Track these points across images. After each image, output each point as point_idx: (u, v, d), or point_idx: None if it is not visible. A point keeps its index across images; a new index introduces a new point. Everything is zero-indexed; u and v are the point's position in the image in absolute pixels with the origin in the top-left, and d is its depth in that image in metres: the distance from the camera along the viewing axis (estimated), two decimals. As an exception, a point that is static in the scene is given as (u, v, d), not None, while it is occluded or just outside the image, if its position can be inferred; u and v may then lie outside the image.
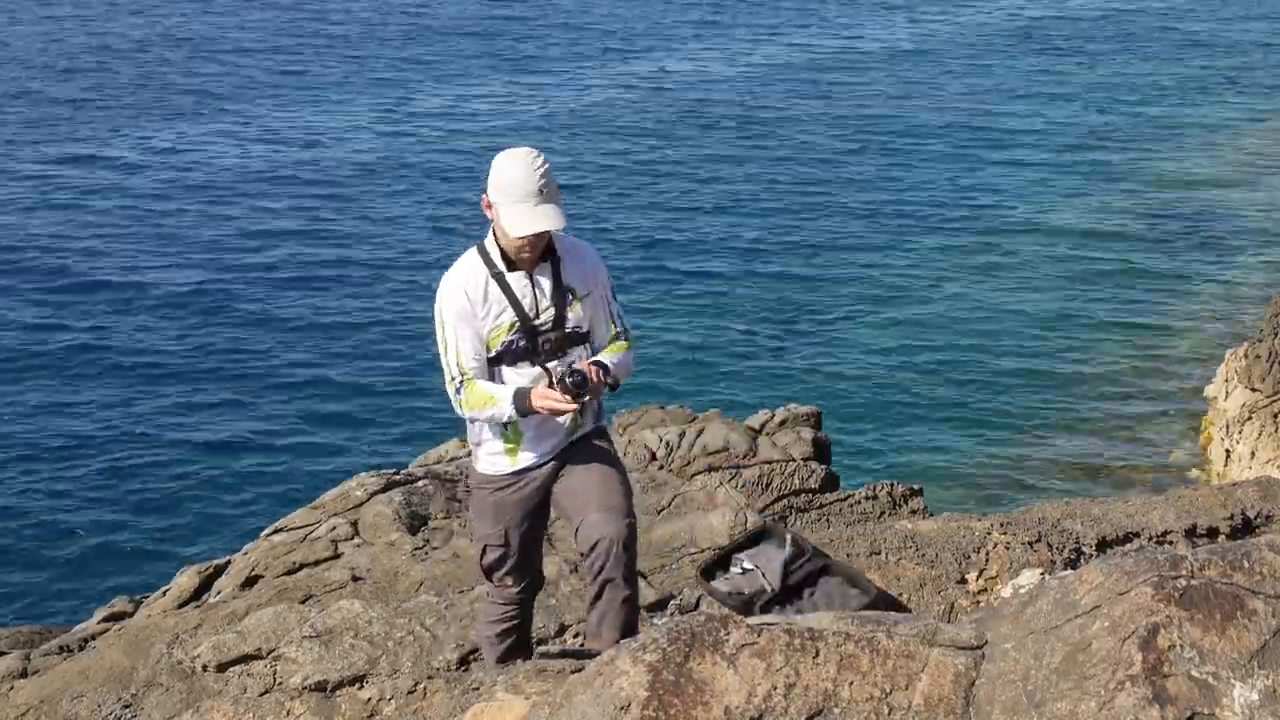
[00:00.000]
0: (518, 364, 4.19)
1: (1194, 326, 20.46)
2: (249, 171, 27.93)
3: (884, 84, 36.45)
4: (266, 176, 27.62)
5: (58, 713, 5.61)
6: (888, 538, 5.93)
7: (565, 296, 4.18)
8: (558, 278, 4.17)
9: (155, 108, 32.97)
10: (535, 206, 3.97)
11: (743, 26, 44.44)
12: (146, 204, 25.78)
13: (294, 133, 31.01)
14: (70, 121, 31.34)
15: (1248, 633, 2.90)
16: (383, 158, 29.11)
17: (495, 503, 4.43)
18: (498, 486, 4.39)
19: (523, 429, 4.27)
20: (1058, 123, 32.42)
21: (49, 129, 30.74)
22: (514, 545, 4.47)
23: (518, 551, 4.49)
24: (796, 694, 2.98)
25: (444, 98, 34.44)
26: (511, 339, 4.15)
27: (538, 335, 4.16)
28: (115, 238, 23.78)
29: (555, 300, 4.17)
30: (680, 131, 31.52)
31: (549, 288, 4.16)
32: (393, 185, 27.28)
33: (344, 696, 4.66)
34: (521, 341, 4.16)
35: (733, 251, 23.78)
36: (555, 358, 4.18)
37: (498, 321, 4.13)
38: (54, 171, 27.55)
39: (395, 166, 28.55)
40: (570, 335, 4.21)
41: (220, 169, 28.04)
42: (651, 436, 8.76)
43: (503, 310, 4.12)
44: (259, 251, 23.43)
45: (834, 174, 28.34)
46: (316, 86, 35.55)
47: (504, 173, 3.99)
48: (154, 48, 39.74)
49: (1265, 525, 6.13)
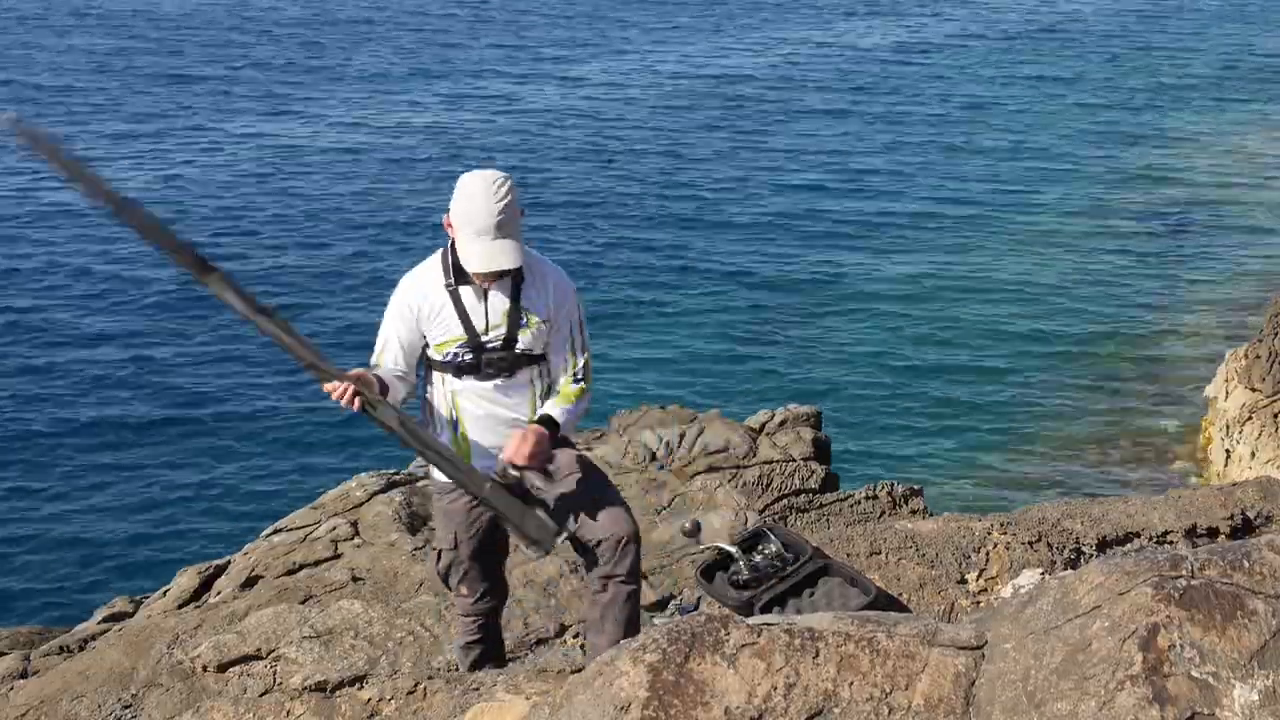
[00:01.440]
0: (463, 376, 4.18)
1: (1194, 327, 20.46)
2: (245, 168, 27.94)
3: (883, 83, 36.46)
4: (264, 174, 27.62)
5: (58, 713, 5.61)
6: (888, 538, 5.93)
7: (519, 318, 4.12)
8: (515, 298, 4.11)
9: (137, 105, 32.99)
10: (492, 241, 3.92)
11: (744, 20, 44.44)
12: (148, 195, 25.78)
13: (307, 123, 31.01)
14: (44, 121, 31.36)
15: (1248, 633, 2.91)
16: (386, 154, 29.11)
17: (445, 508, 4.43)
18: (448, 491, 4.38)
19: (470, 434, 4.25)
20: (1057, 123, 32.42)
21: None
22: (464, 553, 4.45)
23: (468, 559, 4.47)
24: (796, 694, 2.99)
25: (446, 93, 34.46)
26: (456, 351, 4.13)
27: (483, 352, 4.13)
28: (113, 237, 23.78)
29: (508, 320, 4.11)
30: (680, 130, 31.51)
31: (502, 307, 4.11)
32: (395, 184, 27.26)
33: (344, 697, 4.67)
34: (467, 356, 4.13)
35: (733, 251, 23.77)
36: (501, 376, 4.15)
37: (445, 333, 4.13)
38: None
39: (400, 163, 28.54)
40: (520, 357, 4.16)
41: (215, 165, 28.05)
42: (651, 436, 8.75)
43: (451, 320, 4.10)
44: (256, 251, 23.43)
45: (834, 174, 28.35)
46: (308, 83, 35.58)
47: (464, 201, 3.95)
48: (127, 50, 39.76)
49: (1265, 525, 6.14)
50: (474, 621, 4.66)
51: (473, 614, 4.64)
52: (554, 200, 25.38)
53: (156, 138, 30.26)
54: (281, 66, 37.63)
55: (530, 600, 6.12)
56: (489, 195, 3.92)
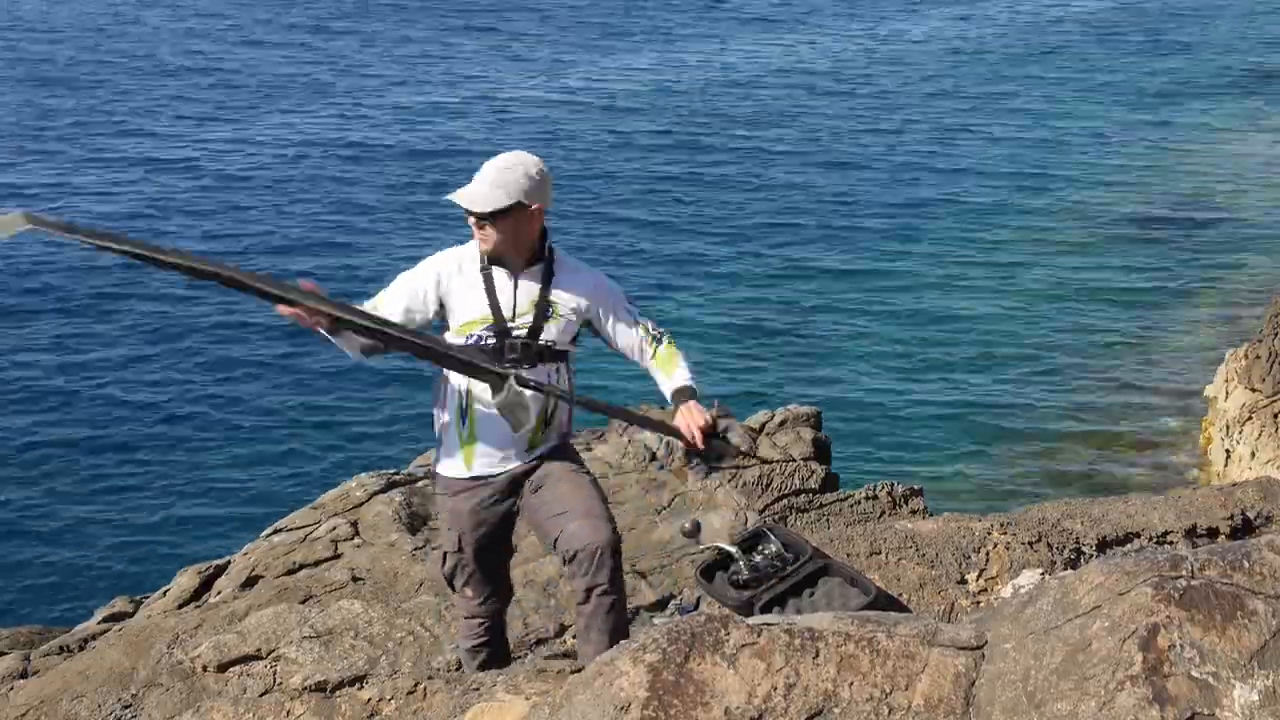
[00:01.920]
0: None
1: (1194, 326, 20.46)
2: (242, 170, 27.94)
3: (883, 85, 36.45)
4: (261, 174, 27.61)
5: (58, 713, 5.61)
6: (888, 538, 5.93)
7: (546, 308, 4.15)
8: (545, 289, 4.16)
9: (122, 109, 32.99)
10: (475, 185, 4.06)
11: (748, 24, 44.43)
12: (146, 203, 25.79)
13: (312, 121, 31.02)
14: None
15: (1248, 633, 2.91)
16: (389, 150, 29.09)
17: (451, 508, 4.41)
18: (453, 491, 4.37)
19: (478, 425, 4.24)
20: (1057, 123, 32.42)
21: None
22: (468, 554, 4.44)
23: (472, 561, 4.46)
24: (796, 694, 2.99)
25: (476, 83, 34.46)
26: (480, 334, 4.13)
27: (506, 338, 4.14)
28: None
29: (535, 309, 4.15)
30: (680, 131, 31.51)
31: (532, 295, 4.15)
32: (398, 182, 27.25)
33: (344, 696, 4.67)
34: (490, 339, 4.13)
35: (733, 251, 23.78)
36: (520, 366, 4.13)
37: (471, 312, 4.13)
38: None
39: (403, 158, 28.53)
40: (543, 350, 4.17)
41: (212, 169, 28.05)
42: (651, 436, 8.75)
43: (479, 299, 4.12)
44: (251, 252, 23.42)
45: (834, 174, 28.35)
46: (317, 79, 35.58)
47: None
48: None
49: (1265, 525, 6.14)
50: (480, 624, 4.63)
51: (478, 616, 4.62)
52: (554, 200, 25.33)
53: (164, 136, 30.28)
54: (276, 63, 37.63)
55: (530, 600, 6.12)
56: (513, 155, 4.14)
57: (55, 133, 30.22)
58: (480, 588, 4.54)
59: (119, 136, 30.16)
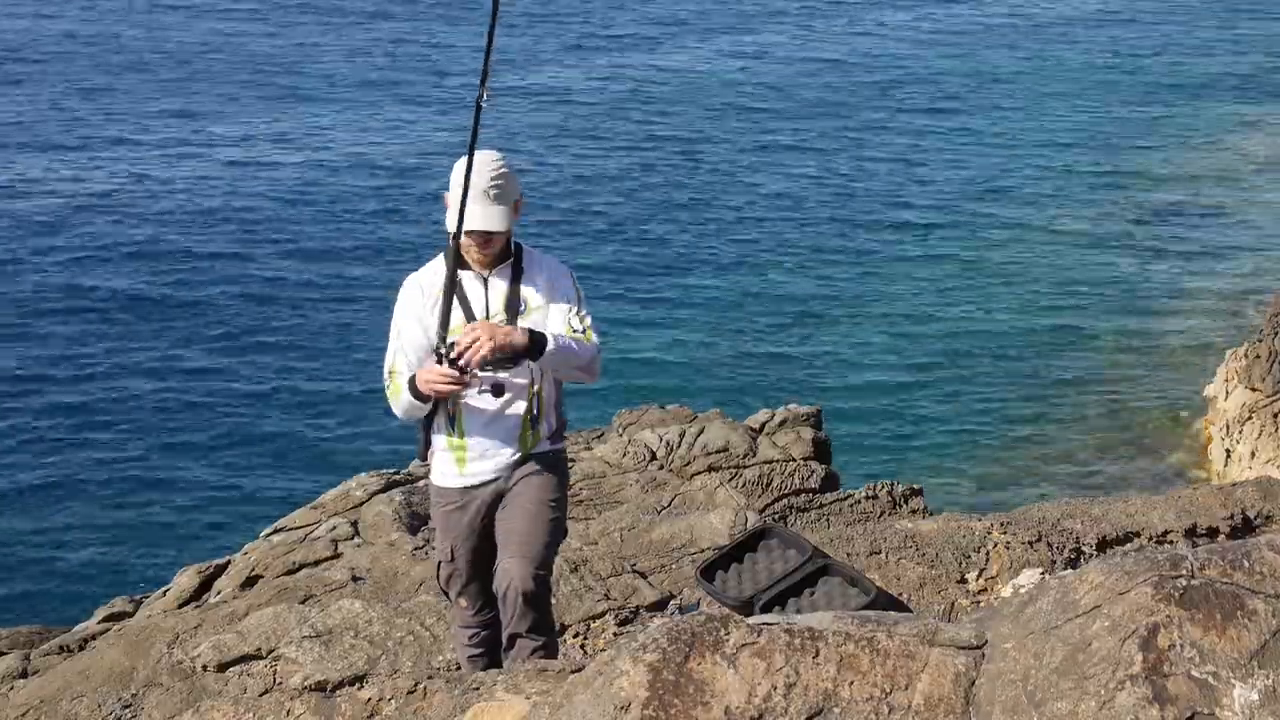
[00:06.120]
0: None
1: (1194, 326, 20.46)
2: (245, 177, 27.94)
3: (883, 83, 36.43)
4: (264, 181, 27.62)
5: (58, 713, 5.61)
6: (888, 538, 5.94)
7: (517, 306, 4.19)
8: (515, 287, 4.20)
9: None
10: (491, 204, 4.06)
11: (744, 20, 44.41)
12: (149, 203, 25.79)
13: (302, 135, 31.00)
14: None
15: (1248, 633, 2.90)
16: (387, 162, 29.10)
17: (443, 518, 4.45)
18: (446, 501, 4.41)
19: (467, 433, 4.27)
20: (1057, 123, 32.42)
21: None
22: (461, 564, 4.46)
23: (465, 570, 4.47)
24: (796, 694, 2.98)
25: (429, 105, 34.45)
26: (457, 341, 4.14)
27: None
28: (112, 239, 23.79)
29: (507, 307, 4.18)
30: (681, 130, 31.51)
31: (502, 294, 4.20)
32: (397, 187, 27.27)
33: (344, 696, 4.66)
34: None
35: (733, 250, 23.78)
36: (503, 367, 4.15)
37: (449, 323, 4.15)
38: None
39: (400, 171, 28.53)
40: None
41: (217, 177, 28.05)
42: (651, 436, 8.75)
43: (454, 310, 4.14)
44: (255, 255, 23.43)
45: (835, 174, 28.35)
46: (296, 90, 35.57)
47: (461, 170, 4.04)
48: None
49: (1265, 525, 6.14)
50: (475, 634, 4.64)
51: (473, 626, 4.63)
52: (553, 201, 25.38)
53: (167, 141, 30.28)
54: (280, 71, 37.63)
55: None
56: (487, 164, 4.08)
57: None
58: (474, 599, 4.55)
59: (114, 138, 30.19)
